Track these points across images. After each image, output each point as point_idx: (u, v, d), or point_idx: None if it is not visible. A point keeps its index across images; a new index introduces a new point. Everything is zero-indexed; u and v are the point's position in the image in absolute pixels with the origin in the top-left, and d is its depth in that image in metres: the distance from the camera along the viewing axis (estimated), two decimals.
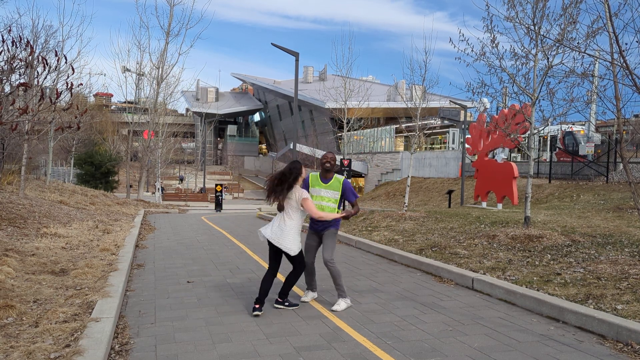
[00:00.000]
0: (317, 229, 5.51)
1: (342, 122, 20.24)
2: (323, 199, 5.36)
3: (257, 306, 4.99)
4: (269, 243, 5.09)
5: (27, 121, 11.27)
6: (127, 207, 20.13)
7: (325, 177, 5.42)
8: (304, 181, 5.40)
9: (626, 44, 7.87)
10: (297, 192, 5.04)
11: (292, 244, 5.01)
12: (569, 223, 9.81)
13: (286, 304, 5.28)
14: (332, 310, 5.14)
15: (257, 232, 5.23)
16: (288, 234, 5.01)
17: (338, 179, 5.41)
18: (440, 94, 28.94)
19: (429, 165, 35.84)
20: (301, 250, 5.18)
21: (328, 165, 5.36)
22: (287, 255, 5.08)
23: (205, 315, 4.99)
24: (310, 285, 5.64)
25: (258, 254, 8.91)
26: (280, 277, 5.96)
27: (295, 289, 6.00)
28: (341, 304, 5.22)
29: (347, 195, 5.41)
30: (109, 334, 4.02)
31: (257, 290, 6.03)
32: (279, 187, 5.01)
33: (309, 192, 5.28)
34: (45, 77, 6.22)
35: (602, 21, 8.04)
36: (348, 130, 20.39)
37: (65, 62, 14.99)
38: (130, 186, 32.93)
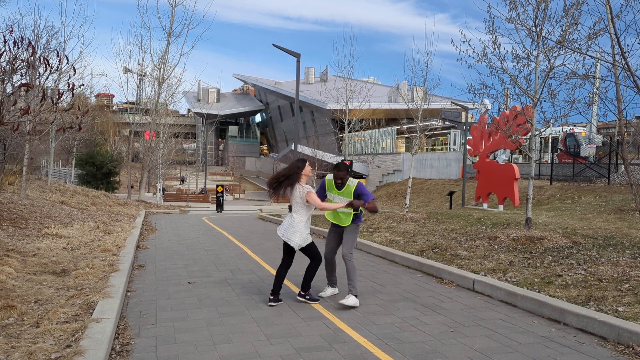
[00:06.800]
0: (338, 225, 5.64)
1: (344, 123, 20.26)
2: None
3: (272, 297, 5.36)
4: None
5: (28, 122, 11.29)
6: (128, 207, 20.15)
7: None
8: (321, 184, 5.68)
9: (628, 45, 7.90)
10: (299, 189, 5.30)
11: (297, 238, 5.29)
12: (570, 225, 9.79)
13: (307, 297, 5.49)
14: (341, 303, 5.24)
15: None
16: (296, 229, 5.31)
17: (350, 185, 5.48)
18: (442, 95, 28.97)
19: (430, 167, 35.85)
20: (312, 243, 5.42)
21: (339, 182, 5.50)
22: (301, 250, 5.37)
23: (206, 316, 4.99)
24: (330, 281, 5.85)
25: (259, 254, 8.91)
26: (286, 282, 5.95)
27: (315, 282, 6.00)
28: (350, 299, 5.26)
29: (362, 199, 5.47)
30: (110, 334, 4.02)
31: (258, 290, 6.05)
32: (280, 185, 5.30)
33: (326, 196, 5.61)
34: (47, 78, 6.26)
35: (604, 23, 8.06)
36: (349, 131, 20.41)
37: (67, 63, 14.98)
38: (132, 187, 32.97)
